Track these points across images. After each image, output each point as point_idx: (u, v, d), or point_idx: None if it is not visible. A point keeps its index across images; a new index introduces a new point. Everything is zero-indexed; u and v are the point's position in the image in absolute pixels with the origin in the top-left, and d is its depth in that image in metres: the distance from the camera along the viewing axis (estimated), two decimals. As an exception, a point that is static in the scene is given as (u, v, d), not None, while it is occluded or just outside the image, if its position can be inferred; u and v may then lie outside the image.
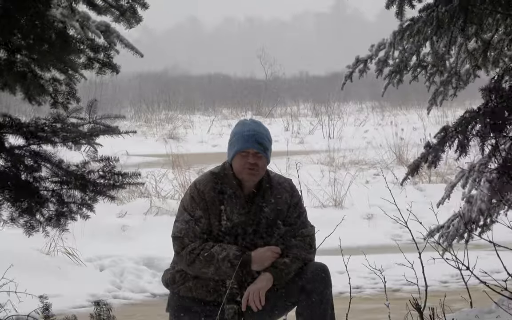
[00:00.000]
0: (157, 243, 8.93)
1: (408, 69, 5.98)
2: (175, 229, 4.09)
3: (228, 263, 3.95)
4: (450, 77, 6.18)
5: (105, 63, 3.76)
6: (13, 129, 3.79)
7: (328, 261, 4.25)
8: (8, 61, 3.61)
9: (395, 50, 5.83)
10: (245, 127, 4.11)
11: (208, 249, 3.99)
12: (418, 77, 6.12)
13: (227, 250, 3.98)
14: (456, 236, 6.09)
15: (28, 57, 3.65)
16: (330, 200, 12.55)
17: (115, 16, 3.77)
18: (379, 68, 5.94)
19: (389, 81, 5.97)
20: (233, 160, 4.10)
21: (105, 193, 3.96)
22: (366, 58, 6.01)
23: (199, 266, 3.99)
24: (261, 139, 4.07)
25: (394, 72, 5.93)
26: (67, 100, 3.88)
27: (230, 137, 4.17)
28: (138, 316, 7.33)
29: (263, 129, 4.13)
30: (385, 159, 16.98)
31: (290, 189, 4.21)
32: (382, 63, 5.92)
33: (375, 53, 5.97)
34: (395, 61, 5.91)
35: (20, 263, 7.44)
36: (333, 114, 28.32)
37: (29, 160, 3.80)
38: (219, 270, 3.96)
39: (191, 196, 4.08)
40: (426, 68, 6.08)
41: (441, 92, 6.29)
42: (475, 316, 5.11)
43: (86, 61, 3.76)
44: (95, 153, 3.97)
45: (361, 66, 6.01)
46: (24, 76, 3.65)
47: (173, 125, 29.34)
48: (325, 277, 4.05)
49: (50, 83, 3.83)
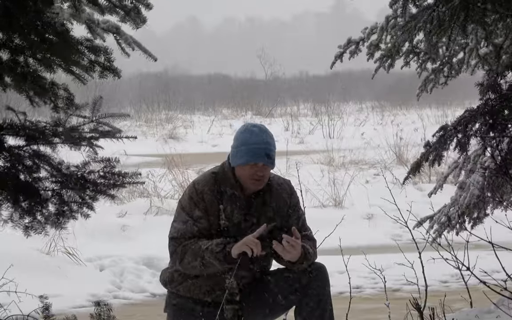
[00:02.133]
0: (157, 243, 8.90)
1: (401, 54, 5.91)
2: (172, 229, 4.05)
3: (209, 252, 3.89)
4: (442, 66, 6.12)
5: (106, 67, 3.75)
6: (13, 131, 3.78)
7: (328, 261, 4.25)
8: (11, 61, 3.61)
9: (387, 34, 5.77)
10: (253, 137, 4.00)
11: (197, 243, 3.95)
12: (410, 63, 6.06)
13: (212, 241, 3.94)
14: (448, 226, 6.06)
15: (32, 57, 3.65)
16: (330, 200, 12.56)
17: (121, 16, 3.76)
18: (371, 52, 5.87)
19: (380, 65, 5.91)
20: (238, 167, 4.03)
21: (105, 192, 3.95)
22: (358, 40, 5.93)
23: (189, 260, 3.94)
24: (270, 151, 4.00)
25: (385, 57, 5.87)
26: (66, 106, 3.87)
27: (235, 142, 4.06)
28: (138, 316, 7.33)
29: (270, 138, 4.04)
30: (385, 159, 16.98)
31: (289, 190, 4.18)
32: (374, 47, 5.85)
33: (367, 37, 5.90)
34: (387, 46, 5.84)
35: (20, 263, 7.44)
36: (333, 114, 28.33)
37: (29, 161, 3.80)
38: (204, 260, 3.91)
39: (190, 196, 4.04)
40: (419, 55, 6.00)
41: (432, 80, 6.23)
42: (475, 316, 5.11)
43: (87, 64, 3.75)
44: (96, 154, 3.96)
45: (353, 47, 5.94)
46: (24, 77, 3.64)
47: (173, 125, 29.35)
48: (323, 277, 4.04)
49: (50, 87, 3.82)
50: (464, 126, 4.60)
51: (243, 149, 3.99)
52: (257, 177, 4.00)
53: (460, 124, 4.66)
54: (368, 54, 5.86)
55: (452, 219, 6.00)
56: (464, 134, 4.58)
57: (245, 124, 4.15)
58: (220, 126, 30.55)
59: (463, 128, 4.59)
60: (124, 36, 3.80)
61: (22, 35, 3.52)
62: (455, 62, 6.06)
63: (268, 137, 4.03)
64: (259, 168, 3.99)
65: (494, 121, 4.44)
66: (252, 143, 3.99)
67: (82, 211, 3.96)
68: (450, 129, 4.77)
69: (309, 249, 3.99)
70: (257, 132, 4.02)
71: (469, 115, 4.62)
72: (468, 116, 4.62)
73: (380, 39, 5.80)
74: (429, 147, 4.96)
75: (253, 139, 4.00)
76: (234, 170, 4.07)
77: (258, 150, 3.97)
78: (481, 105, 4.59)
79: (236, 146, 4.04)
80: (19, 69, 3.62)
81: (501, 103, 4.47)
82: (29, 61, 3.66)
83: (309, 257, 3.98)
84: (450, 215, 6.04)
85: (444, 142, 4.84)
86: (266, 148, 3.99)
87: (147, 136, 26.41)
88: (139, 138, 24.60)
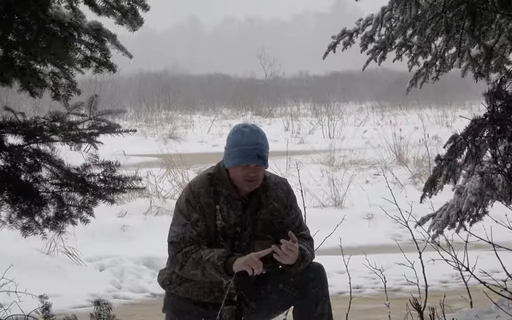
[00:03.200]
0: (157, 243, 8.87)
1: (393, 47, 5.87)
2: (171, 233, 4.04)
3: (211, 264, 3.89)
4: (434, 60, 6.09)
5: (102, 62, 3.75)
6: (12, 129, 3.78)
7: (328, 261, 4.26)
8: (5, 57, 3.60)
9: (382, 26, 5.73)
10: (245, 138, 3.99)
11: (198, 251, 3.95)
12: (402, 56, 6.02)
13: (214, 252, 3.92)
14: (448, 224, 6.05)
15: (25, 53, 3.64)
16: (330, 200, 12.55)
17: (118, 17, 3.75)
18: (364, 44, 5.81)
19: (372, 57, 5.87)
20: (231, 169, 4.03)
21: (105, 197, 3.95)
22: (352, 31, 5.87)
23: (189, 268, 3.95)
24: (262, 152, 3.98)
25: (378, 49, 5.83)
26: (68, 92, 3.87)
27: (227, 143, 4.05)
28: (138, 316, 7.33)
29: (261, 138, 4.02)
30: (385, 159, 16.98)
31: (286, 189, 4.17)
32: (368, 39, 5.80)
33: (362, 28, 5.86)
34: (380, 38, 5.81)
35: (20, 263, 7.44)
36: (333, 114, 28.33)
37: (29, 159, 3.79)
38: (205, 271, 3.91)
39: (187, 199, 4.02)
40: (411, 48, 5.98)
41: (423, 74, 6.18)
42: (475, 316, 5.11)
43: (83, 59, 3.74)
44: (96, 156, 3.96)
45: (346, 38, 5.89)
46: (23, 71, 3.64)
47: (173, 125, 29.33)
48: (321, 277, 4.03)
49: (50, 77, 3.82)
50: (473, 136, 4.55)
51: (234, 151, 3.99)
52: (250, 178, 3.99)
53: (469, 134, 4.61)
54: (361, 45, 5.78)
55: (451, 217, 6.00)
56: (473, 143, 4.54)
57: (236, 125, 4.13)
58: (220, 126, 30.53)
59: (472, 138, 4.55)
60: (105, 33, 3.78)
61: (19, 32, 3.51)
62: (447, 56, 6.02)
63: (260, 137, 4.01)
64: (251, 169, 3.98)
65: (502, 127, 4.41)
66: (243, 144, 3.98)
67: (82, 216, 3.95)
68: (460, 138, 4.70)
69: (306, 250, 3.99)
70: (248, 133, 4.01)
71: (477, 124, 4.57)
72: (476, 125, 4.57)
73: (374, 31, 5.76)
74: (440, 161, 4.88)
75: (244, 140, 3.99)
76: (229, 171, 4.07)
77: (249, 151, 3.96)
78: (488, 113, 4.54)
79: (228, 148, 4.04)
80: (17, 63, 3.62)
81: (508, 108, 4.44)
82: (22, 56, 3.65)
83: (306, 258, 3.98)
84: (450, 215, 6.04)
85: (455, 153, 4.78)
86: (257, 149, 3.97)
87: (147, 136, 26.40)
88: (139, 138, 24.72)
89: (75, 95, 3.92)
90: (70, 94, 3.89)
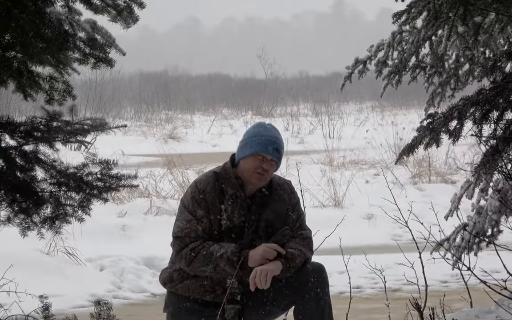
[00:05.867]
0: (157, 243, 8.92)
1: (407, 69, 5.98)
2: (176, 228, 4.07)
3: (225, 260, 3.94)
4: (448, 78, 6.15)
5: (100, 58, 3.75)
6: (10, 128, 3.78)
7: (328, 261, 4.26)
8: (2, 58, 3.60)
9: (394, 50, 5.84)
10: (267, 131, 4.13)
11: (207, 248, 3.98)
12: (417, 78, 6.12)
13: (225, 247, 3.97)
14: (466, 248, 6.04)
15: (22, 53, 3.64)
16: (330, 200, 12.56)
17: (112, 15, 3.75)
18: (379, 69, 5.97)
19: (388, 82, 5.98)
20: (245, 160, 4.08)
21: (99, 196, 3.95)
22: (365, 59, 6.04)
23: (198, 265, 3.98)
24: (280, 147, 4.12)
25: (393, 73, 5.94)
26: (63, 97, 3.87)
27: (246, 135, 4.16)
28: (138, 316, 7.33)
29: (280, 136, 4.18)
30: (385, 159, 16.98)
31: (290, 190, 4.21)
32: (382, 64, 5.95)
33: (374, 54, 5.99)
34: (394, 62, 5.92)
35: (20, 263, 7.44)
36: (333, 114, 28.35)
37: (25, 158, 3.79)
38: (218, 267, 3.95)
39: (192, 195, 4.06)
40: (425, 69, 6.08)
41: (439, 93, 6.27)
42: (475, 316, 5.11)
43: (81, 56, 3.74)
44: (94, 155, 3.96)
45: (360, 66, 6.04)
46: (20, 73, 3.64)
47: (173, 125, 29.33)
48: (322, 277, 4.04)
49: (47, 80, 3.81)
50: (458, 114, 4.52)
51: (254, 140, 4.09)
52: (262, 170, 4.05)
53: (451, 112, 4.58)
54: (376, 71, 5.98)
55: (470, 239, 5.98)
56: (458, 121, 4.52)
57: (258, 122, 4.29)
58: (220, 126, 30.56)
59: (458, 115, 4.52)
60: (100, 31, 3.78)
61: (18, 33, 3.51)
62: (461, 74, 6.10)
63: (279, 135, 4.18)
64: (266, 161, 4.05)
65: (489, 110, 4.40)
66: (264, 135, 4.10)
67: (77, 215, 3.95)
68: (440, 117, 4.66)
69: (293, 252, 3.99)
70: (269, 128, 4.18)
71: (462, 104, 4.56)
72: (461, 105, 4.55)
73: (387, 55, 5.89)
74: (421, 132, 4.83)
75: (266, 132, 4.13)
76: (235, 171, 4.09)
77: (268, 142, 4.08)
78: (475, 94, 4.54)
79: (246, 138, 4.14)
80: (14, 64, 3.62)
81: (495, 91, 4.44)
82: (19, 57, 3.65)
83: (296, 260, 3.99)
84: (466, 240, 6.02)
85: (432, 130, 4.74)
86: (276, 143, 4.10)
87: (147, 136, 26.39)
88: (139, 138, 24.73)
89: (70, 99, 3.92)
90: (64, 99, 3.89)
